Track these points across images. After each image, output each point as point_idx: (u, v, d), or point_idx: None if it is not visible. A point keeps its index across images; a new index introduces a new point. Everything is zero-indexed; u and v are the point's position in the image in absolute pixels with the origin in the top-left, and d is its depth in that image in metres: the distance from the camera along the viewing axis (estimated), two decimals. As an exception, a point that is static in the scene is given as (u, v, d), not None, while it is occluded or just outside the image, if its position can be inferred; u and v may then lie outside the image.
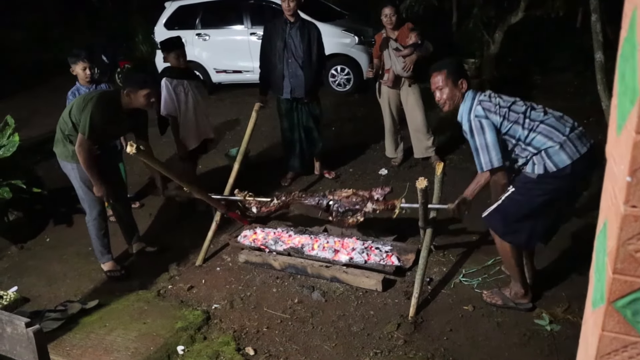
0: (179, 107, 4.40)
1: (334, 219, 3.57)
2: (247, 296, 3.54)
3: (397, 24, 4.88)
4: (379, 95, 5.26)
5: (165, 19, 9.28)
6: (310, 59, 4.78)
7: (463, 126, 2.91)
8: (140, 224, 4.68)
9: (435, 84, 2.97)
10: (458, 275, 3.47)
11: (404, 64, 4.82)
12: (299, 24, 4.75)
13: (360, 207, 3.46)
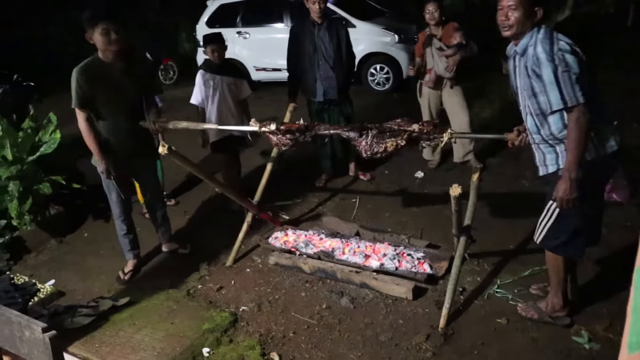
0: (206, 100, 4.46)
1: (368, 142, 3.13)
2: (275, 299, 3.51)
3: (441, 22, 4.71)
4: (419, 95, 5.13)
5: (207, 17, 9.40)
6: (340, 59, 4.70)
7: (530, 58, 2.53)
8: (174, 221, 4.72)
9: (508, 2, 2.59)
10: (492, 286, 3.34)
11: (446, 65, 4.67)
12: (326, 23, 4.66)
13: (405, 127, 3.07)
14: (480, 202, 3.33)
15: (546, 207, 2.73)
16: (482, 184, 3.66)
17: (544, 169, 2.72)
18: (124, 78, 3.53)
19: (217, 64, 4.47)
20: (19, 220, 4.53)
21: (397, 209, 4.52)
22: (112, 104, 3.55)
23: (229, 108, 4.52)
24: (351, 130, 3.19)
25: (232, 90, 4.53)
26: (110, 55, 3.45)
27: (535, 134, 2.69)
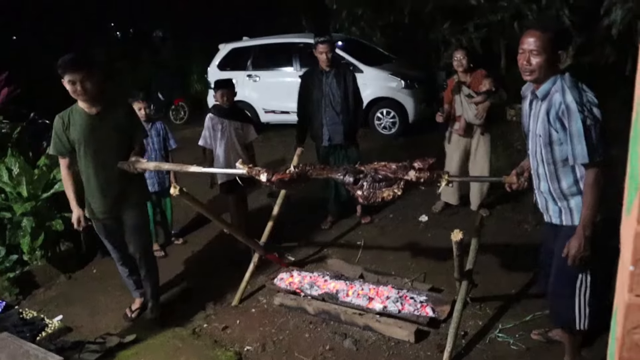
0: (214, 142, 4.59)
1: (364, 192, 2.96)
2: (279, 340, 3.55)
3: (470, 69, 4.72)
4: (448, 142, 5.06)
5: (219, 60, 9.68)
6: (347, 105, 4.87)
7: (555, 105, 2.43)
8: (181, 260, 4.82)
9: (530, 45, 2.46)
10: (494, 330, 3.38)
11: (476, 112, 4.68)
12: (334, 71, 4.86)
13: (401, 175, 2.90)
14: (482, 246, 3.40)
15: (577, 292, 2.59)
16: (485, 228, 3.74)
17: (548, 217, 2.70)
18: (102, 126, 3.46)
19: (225, 109, 4.61)
20: (30, 255, 4.62)
21: (401, 253, 4.59)
22: (89, 151, 3.47)
23: (235, 151, 4.62)
24: (346, 174, 3.02)
25: (238, 134, 4.64)
26: (84, 103, 3.42)
27: (542, 182, 2.64)
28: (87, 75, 3.31)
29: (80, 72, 3.28)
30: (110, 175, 3.52)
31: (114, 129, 3.50)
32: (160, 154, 4.85)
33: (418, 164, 2.90)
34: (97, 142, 3.49)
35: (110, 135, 3.49)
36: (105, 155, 3.51)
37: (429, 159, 2.93)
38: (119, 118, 3.54)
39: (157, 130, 4.84)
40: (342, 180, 3.05)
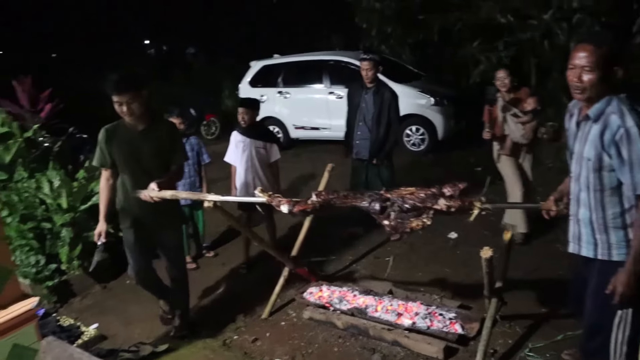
0: (237, 160, 4.71)
1: (391, 222, 2.83)
2: (308, 353, 3.59)
3: (513, 88, 4.66)
4: (497, 160, 4.92)
5: (250, 77, 9.87)
6: (379, 124, 4.98)
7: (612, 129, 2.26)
8: (212, 272, 4.91)
9: (582, 61, 2.28)
10: (524, 349, 3.35)
11: (523, 131, 4.60)
12: (374, 88, 5.02)
13: (430, 205, 2.74)
14: (513, 264, 3.38)
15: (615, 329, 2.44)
16: (516, 246, 3.72)
17: (577, 247, 2.58)
18: (144, 143, 3.48)
19: (247, 127, 4.69)
20: (68, 265, 4.78)
21: (430, 269, 4.59)
22: (130, 167, 3.52)
23: (256, 171, 4.68)
24: (371, 202, 2.87)
25: (260, 153, 4.70)
26: (131, 121, 3.44)
27: (583, 209, 2.48)
28: (133, 97, 3.31)
29: (126, 94, 3.28)
30: None
31: (155, 149, 3.50)
32: (194, 168, 4.98)
33: (448, 190, 2.75)
34: (137, 160, 3.50)
35: (150, 155, 3.50)
36: (143, 173, 3.49)
37: (460, 184, 2.77)
38: (162, 138, 3.53)
39: (191, 145, 4.98)
40: (368, 209, 2.90)
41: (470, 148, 8.06)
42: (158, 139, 3.50)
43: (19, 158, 5.13)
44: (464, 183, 2.76)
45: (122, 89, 3.27)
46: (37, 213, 4.81)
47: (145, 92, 3.39)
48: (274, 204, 3.08)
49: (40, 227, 4.76)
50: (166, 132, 3.57)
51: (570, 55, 2.37)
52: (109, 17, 24.07)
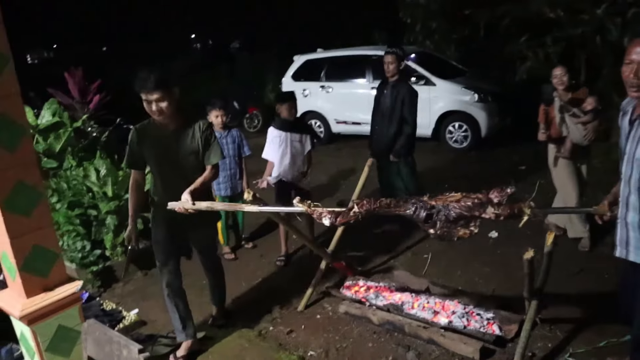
0: (275, 156, 4.72)
1: (437, 231, 2.70)
2: (342, 347, 3.59)
3: (571, 86, 4.43)
4: (555, 165, 4.68)
5: (293, 71, 9.91)
6: (390, 119, 5.02)
7: None
8: (250, 263, 4.97)
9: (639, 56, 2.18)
10: (564, 354, 3.25)
11: (585, 132, 4.32)
12: (393, 83, 5.05)
13: (477, 214, 2.63)
14: (556, 267, 3.29)
15: None
16: (560, 249, 3.61)
17: (624, 252, 2.51)
18: (176, 144, 3.35)
19: (288, 121, 4.72)
20: (112, 251, 4.93)
21: (469, 268, 4.52)
22: (161, 168, 3.40)
23: (294, 163, 4.74)
24: (416, 210, 2.72)
25: (295, 146, 4.75)
26: (162, 121, 3.29)
27: (632, 213, 2.41)
28: (163, 96, 3.15)
29: (155, 93, 3.12)
30: (178, 195, 3.21)
31: (188, 149, 3.36)
32: (234, 160, 5.04)
33: (495, 196, 2.61)
34: (170, 162, 3.37)
35: (183, 155, 3.36)
36: (176, 175, 3.36)
37: (507, 188, 2.63)
38: (195, 138, 3.37)
39: (232, 137, 5.04)
40: (412, 218, 2.74)
41: (514, 146, 7.89)
42: (191, 139, 3.36)
43: (69, 147, 5.31)
44: (512, 187, 2.62)
45: (152, 87, 3.10)
46: (84, 200, 4.98)
47: (176, 91, 3.24)
48: (315, 215, 2.96)
49: (86, 214, 4.93)
50: (200, 132, 3.38)
51: (627, 50, 2.29)
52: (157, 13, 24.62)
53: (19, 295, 2.93)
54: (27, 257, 2.85)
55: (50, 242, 2.96)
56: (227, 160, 5.00)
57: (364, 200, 2.86)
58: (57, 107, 5.46)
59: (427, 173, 7.42)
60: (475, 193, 2.66)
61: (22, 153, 2.77)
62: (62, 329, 3.00)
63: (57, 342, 3.00)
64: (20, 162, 2.76)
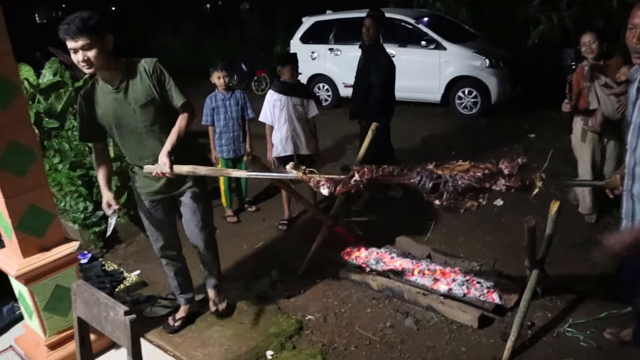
0: (273, 119, 4.68)
1: (444, 202, 2.56)
2: (341, 312, 3.59)
3: (602, 55, 4.07)
4: (582, 139, 4.34)
5: (302, 33, 9.71)
6: (360, 82, 5.08)
7: None
8: (252, 226, 4.95)
9: None
10: (564, 324, 3.22)
11: (618, 104, 3.98)
12: (367, 48, 5.08)
13: (487, 185, 2.50)
14: (559, 237, 3.23)
15: None
16: (565, 218, 3.55)
17: (630, 225, 2.43)
18: (124, 98, 2.86)
19: (287, 84, 4.63)
20: (113, 212, 4.92)
21: (472, 236, 4.47)
22: (120, 131, 2.96)
23: (294, 128, 4.66)
24: (421, 180, 2.57)
25: (297, 110, 4.66)
26: (92, 73, 2.79)
27: (638, 184, 2.33)
28: (90, 43, 2.62)
29: (80, 39, 2.60)
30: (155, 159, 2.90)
31: (141, 100, 2.86)
32: (237, 122, 4.97)
33: (506, 166, 2.47)
34: (128, 122, 2.92)
35: (140, 110, 2.88)
36: (141, 136, 2.94)
37: (518, 158, 2.48)
38: (144, 83, 2.85)
39: (236, 99, 4.96)
40: (418, 187, 2.60)
41: (525, 113, 7.74)
42: (141, 86, 2.85)
43: (70, 107, 5.25)
44: (523, 158, 2.48)
45: (75, 31, 2.58)
46: (85, 161, 4.95)
47: (109, 39, 2.72)
48: (311, 183, 2.71)
49: (88, 175, 4.90)
50: (147, 75, 2.85)
51: (631, 14, 2.17)
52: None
53: (16, 255, 2.94)
54: (22, 217, 2.85)
55: (45, 203, 2.95)
56: (230, 122, 4.94)
57: (365, 168, 2.69)
58: (58, 67, 5.38)
59: (434, 139, 7.33)
60: (485, 163, 2.54)
61: (15, 112, 2.74)
62: (60, 288, 3.02)
63: (55, 302, 3.03)
64: (14, 121, 2.73)
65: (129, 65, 2.87)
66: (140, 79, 2.85)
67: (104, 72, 2.81)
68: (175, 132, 2.89)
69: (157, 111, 2.90)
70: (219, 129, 4.96)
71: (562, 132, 6.65)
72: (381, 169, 2.69)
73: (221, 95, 4.93)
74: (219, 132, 4.97)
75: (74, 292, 2.01)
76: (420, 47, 8.41)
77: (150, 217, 3.25)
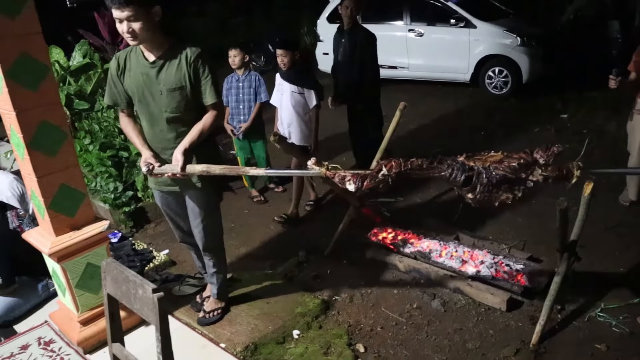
0: (278, 102, 4.62)
1: (477, 195, 2.47)
2: (367, 293, 3.58)
3: None
4: (630, 119, 4.12)
5: (329, 13, 9.59)
6: (350, 67, 4.91)
7: None
8: (279, 208, 4.96)
9: None
10: (595, 309, 3.16)
11: None
12: (349, 30, 4.93)
13: (524, 176, 2.38)
14: (593, 220, 3.14)
15: None
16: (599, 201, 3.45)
17: None
18: (155, 75, 2.76)
19: (284, 71, 4.50)
20: (143, 192, 4.99)
21: (501, 218, 4.40)
22: (142, 105, 2.86)
23: (291, 117, 4.52)
24: (453, 172, 2.46)
25: (295, 98, 4.49)
26: (135, 45, 2.72)
27: None
28: (136, 15, 2.54)
29: (126, 9, 2.52)
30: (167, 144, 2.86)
31: (170, 83, 2.75)
32: (249, 105, 4.94)
33: (540, 156, 2.37)
34: (152, 99, 2.80)
35: (166, 91, 2.76)
36: (161, 117, 2.82)
37: (553, 147, 2.38)
38: (181, 69, 2.73)
39: (249, 82, 4.91)
40: (450, 181, 2.48)
41: (558, 93, 7.53)
42: (176, 70, 2.73)
43: (99, 88, 5.32)
44: (559, 146, 2.38)
45: (122, 1, 2.50)
46: (115, 142, 5.02)
47: (156, 11, 2.63)
48: (336, 180, 2.53)
49: (118, 156, 4.98)
50: (186, 62, 2.72)
51: None
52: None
53: (49, 233, 3.00)
54: (54, 196, 2.91)
55: (76, 182, 2.99)
56: (240, 104, 4.91)
57: (392, 161, 2.54)
58: (87, 49, 5.44)
59: (463, 120, 7.21)
60: (518, 152, 2.43)
61: (46, 92, 2.77)
62: (91, 266, 3.09)
63: (86, 279, 3.10)
64: (44, 102, 2.77)
65: (174, 45, 2.76)
66: (178, 63, 2.73)
67: (147, 45, 2.73)
68: (197, 129, 2.78)
69: (183, 100, 2.78)
70: (230, 110, 4.97)
71: (596, 113, 6.49)
72: (410, 162, 2.55)
73: (236, 76, 4.91)
74: (231, 113, 4.99)
75: (103, 270, 2.04)
76: (450, 25, 8.23)
77: (163, 207, 3.20)
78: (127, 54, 2.83)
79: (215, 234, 3.22)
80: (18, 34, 2.57)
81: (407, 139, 6.35)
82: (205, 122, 2.80)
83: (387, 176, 2.56)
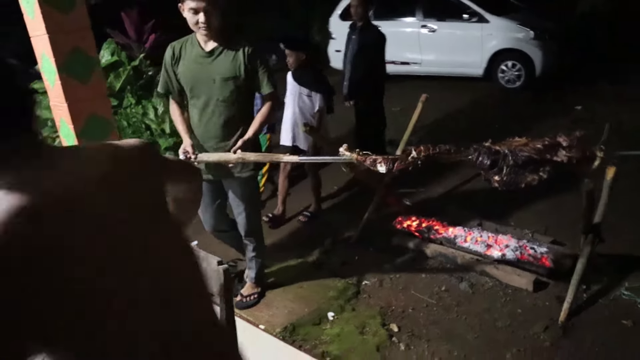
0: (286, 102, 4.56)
1: (503, 177, 2.56)
2: (396, 277, 3.70)
3: None
4: None
5: (341, 10, 9.71)
6: (356, 64, 5.02)
7: None
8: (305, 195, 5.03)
9: None
10: (620, 288, 3.27)
11: None
12: (360, 28, 5.02)
13: (549, 156, 2.48)
14: (616, 203, 3.25)
15: None
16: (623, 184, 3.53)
17: None
18: (211, 63, 2.90)
19: (299, 72, 4.40)
20: (171, 186, 5.12)
21: (523, 205, 4.49)
22: (193, 92, 2.99)
23: (295, 118, 4.44)
24: (479, 156, 2.58)
25: (303, 101, 4.43)
26: (206, 38, 2.88)
27: None
28: (214, 7, 2.71)
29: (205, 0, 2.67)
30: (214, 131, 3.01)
31: (226, 72, 2.88)
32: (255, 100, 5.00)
33: (564, 139, 2.48)
34: (205, 87, 2.93)
35: (220, 80, 2.89)
36: (212, 104, 2.95)
37: (577, 132, 2.50)
38: (237, 60, 2.87)
39: None
40: (476, 164, 2.59)
41: (573, 86, 7.62)
42: (232, 61, 2.87)
43: (127, 85, 5.45)
44: (581, 131, 2.51)
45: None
46: (143, 137, 5.16)
47: (222, 3, 2.81)
48: (368, 164, 2.68)
49: (146, 151, 5.10)
50: (243, 55, 2.87)
51: None
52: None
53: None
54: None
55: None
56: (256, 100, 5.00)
57: (421, 146, 2.71)
58: (115, 47, 5.58)
59: (476, 113, 7.31)
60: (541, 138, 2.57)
61: (95, 85, 2.91)
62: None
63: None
64: (94, 95, 2.90)
65: (232, 38, 2.92)
66: (234, 55, 2.88)
67: (211, 36, 2.86)
68: (259, 119, 2.99)
69: (236, 88, 2.92)
70: None
71: (610, 105, 6.58)
72: (438, 146, 2.72)
73: None
74: None
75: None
76: (462, 20, 8.34)
77: None
78: (183, 44, 2.99)
79: (257, 219, 3.41)
80: (71, 30, 2.71)
81: (424, 132, 6.45)
82: (264, 112, 3.02)
83: (417, 159, 2.71)
